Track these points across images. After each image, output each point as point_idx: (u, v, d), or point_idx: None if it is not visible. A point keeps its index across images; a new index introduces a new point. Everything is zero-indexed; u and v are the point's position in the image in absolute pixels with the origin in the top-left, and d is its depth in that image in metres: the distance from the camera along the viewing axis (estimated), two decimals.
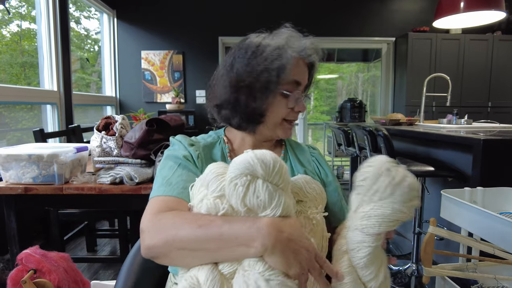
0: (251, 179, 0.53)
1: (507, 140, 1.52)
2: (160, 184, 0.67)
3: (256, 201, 0.53)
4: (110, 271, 2.12)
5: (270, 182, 0.54)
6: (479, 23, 2.82)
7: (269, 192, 0.53)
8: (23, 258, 0.90)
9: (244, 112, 0.73)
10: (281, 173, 0.55)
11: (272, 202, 0.53)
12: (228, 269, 0.54)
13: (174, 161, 0.72)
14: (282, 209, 0.53)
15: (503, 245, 0.98)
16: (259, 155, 0.54)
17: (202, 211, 0.57)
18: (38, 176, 1.29)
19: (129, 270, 0.68)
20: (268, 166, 0.53)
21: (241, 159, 0.54)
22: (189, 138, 0.80)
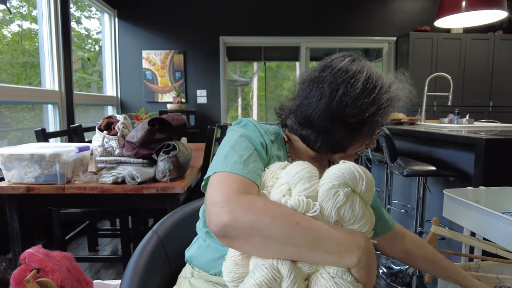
0: (351, 192, 0.55)
1: (509, 140, 1.52)
2: (236, 161, 0.62)
3: (350, 214, 0.54)
4: (112, 271, 2.13)
5: (364, 199, 0.57)
6: (480, 23, 2.82)
7: (363, 209, 0.55)
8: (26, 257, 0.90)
9: (331, 141, 0.70)
10: (373, 192, 0.58)
11: (363, 218, 0.55)
12: (307, 269, 0.54)
13: (251, 143, 0.68)
14: (369, 227, 0.56)
15: (505, 245, 0.98)
16: (363, 170, 0.56)
17: (286, 205, 0.55)
18: (40, 175, 1.29)
19: (134, 270, 0.68)
20: (368, 184, 0.56)
21: (346, 168, 0.56)
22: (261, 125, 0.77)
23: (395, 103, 0.69)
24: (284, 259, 0.53)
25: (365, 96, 0.65)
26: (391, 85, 0.69)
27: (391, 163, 1.94)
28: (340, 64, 0.69)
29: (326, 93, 0.67)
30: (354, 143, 0.72)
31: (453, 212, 1.19)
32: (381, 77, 0.69)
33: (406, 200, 2.60)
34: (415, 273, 1.98)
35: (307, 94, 0.70)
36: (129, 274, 0.67)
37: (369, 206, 0.59)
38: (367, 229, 0.56)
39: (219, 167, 0.62)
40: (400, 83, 0.72)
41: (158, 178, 1.34)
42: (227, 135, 0.73)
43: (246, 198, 0.54)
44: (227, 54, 4.35)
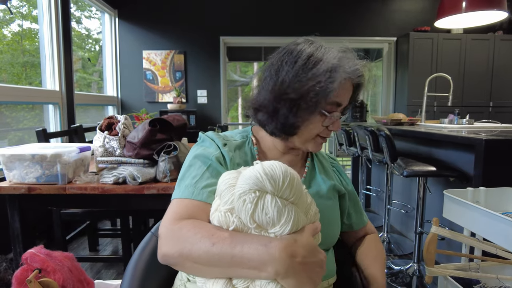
0: (259, 195, 0.52)
1: (509, 140, 1.52)
2: (187, 184, 0.66)
3: (265, 218, 0.52)
4: (112, 271, 2.13)
5: (280, 197, 0.53)
6: (480, 23, 2.82)
7: (278, 208, 0.52)
8: (28, 257, 0.90)
9: (280, 123, 0.71)
10: (292, 186, 0.53)
11: (281, 218, 0.52)
12: (241, 285, 0.54)
13: (203, 161, 0.69)
14: (291, 226, 0.52)
15: (505, 245, 0.99)
16: (268, 170, 0.53)
17: (214, 222, 0.57)
18: (42, 176, 1.29)
19: (134, 270, 0.68)
20: (277, 181, 0.52)
21: (249, 173, 0.53)
22: (222, 136, 0.78)
23: (337, 74, 0.66)
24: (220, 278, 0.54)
25: (304, 71, 0.67)
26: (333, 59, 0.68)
27: (391, 164, 1.94)
28: (289, 47, 0.72)
29: (272, 75, 0.70)
30: (302, 122, 0.70)
31: (453, 213, 1.19)
32: (326, 53, 0.69)
33: (406, 200, 2.60)
34: (415, 273, 1.98)
35: (261, 81, 0.74)
36: (129, 276, 0.67)
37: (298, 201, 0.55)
38: (289, 228, 0.52)
39: (175, 193, 0.67)
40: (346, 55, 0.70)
41: (159, 179, 1.34)
42: (189, 152, 0.76)
43: (176, 227, 0.58)
44: (228, 54, 4.35)
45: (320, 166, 0.84)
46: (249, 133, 0.82)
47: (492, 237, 1.03)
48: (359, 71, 0.70)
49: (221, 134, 0.79)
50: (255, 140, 0.80)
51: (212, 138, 0.76)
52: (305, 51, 0.69)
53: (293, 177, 0.54)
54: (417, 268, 2.00)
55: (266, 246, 0.50)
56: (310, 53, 0.69)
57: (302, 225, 0.54)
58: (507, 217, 0.95)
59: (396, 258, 2.28)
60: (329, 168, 0.86)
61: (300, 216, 0.54)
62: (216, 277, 0.55)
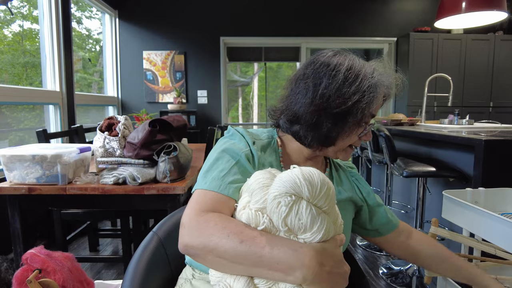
0: (295, 200, 0.52)
1: (508, 141, 1.52)
2: (214, 177, 0.65)
3: (297, 223, 0.52)
4: (113, 271, 2.13)
5: (315, 205, 0.53)
6: (480, 23, 2.82)
7: (312, 216, 0.51)
8: (28, 258, 0.90)
9: (321, 135, 0.71)
10: (327, 195, 0.53)
11: (313, 226, 0.52)
12: (264, 285, 0.54)
13: (233, 156, 0.69)
14: (322, 235, 0.52)
15: (504, 246, 0.99)
16: (307, 175, 0.52)
17: (242, 220, 0.57)
18: (42, 176, 1.30)
19: (135, 269, 0.69)
20: (314, 189, 0.52)
21: (287, 177, 0.53)
22: (251, 133, 0.77)
23: (379, 89, 0.69)
24: (241, 276, 0.54)
25: (347, 86, 0.67)
26: (374, 72, 0.70)
27: (391, 164, 1.94)
28: (322, 59, 0.71)
29: (310, 87, 0.69)
30: (343, 135, 0.71)
31: (452, 213, 1.20)
32: (363, 66, 0.70)
33: (406, 200, 2.61)
34: (415, 274, 1.99)
35: (294, 92, 0.73)
36: (130, 275, 0.67)
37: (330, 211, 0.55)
38: (320, 236, 0.52)
39: (199, 183, 0.66)
40: (384, 69, 0.72)
41: (159, 179, 1.35)
42: (215, 145, 0.75)
43: (202, 218, 0.57)
44: (228, 55, 4.36)
45: (337, 177, 0.84)
46: (274, 134, 0.82)
47: (491, 237, 1.03)
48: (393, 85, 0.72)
49: (250, 131, 0.79)
50: (280, 142, 0.80)
51: (243, 134, 0.75)
52: (343, 64, 0.69)
53: (329, 187, 0.54)
54: (416, 268, 2.00)
55: (296, 251, 0.50)
56: (348, 67, 0.69)
57: (332, 235, 0.54)
58: (506, 218, 0.96)
59: (396, 258, 2.28)
60: (345, 179, 0.85)
61: (331, 226, 0.54)
62: (238, 274, 0.55)
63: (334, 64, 0.69)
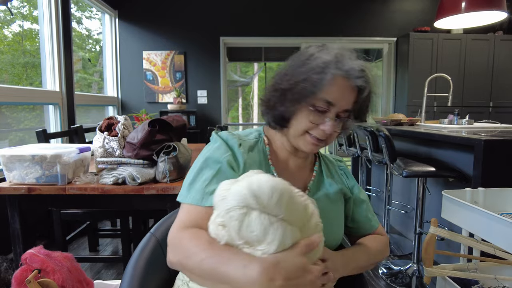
0: (246, 212, 0.51)
1: (508, 141, 1.52)
2: (197, 189, 0.67)
3: (251, 235, 0.51)
4: (112, 271, 2.13)
5: (269, 214, 0.51)
6: (480, 23, 2.82)
7: (264, 226, 0.50)
8: (28, 258, 0.90)
9: (273, 113, 0.75)
10: (281, 202, 0.51)
11: (267, 236, 0.50)
12: None
13: (213, 165, 0.70)
14: (278, 245, 0.50)
15: (503, 246, 0.99)
16: (255, 186, 0.51)
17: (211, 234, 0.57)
18: (42, 176, 1.30)
19: (134, 270, 0.69)
20: (263, 198, 0.50)
21: (236, 189, 0.52)
22: (237, 135, 0.77)
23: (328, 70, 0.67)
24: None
25: (300, 67, 0.70)
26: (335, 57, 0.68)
27: (390, 164, 1.94)
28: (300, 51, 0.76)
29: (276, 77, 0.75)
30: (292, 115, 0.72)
31: (452, 213, 1.20)
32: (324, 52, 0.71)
33: (406, 200, 2.61)
34: (414, 274, 1.99)
35: None
36: (128, 277, 0.68)
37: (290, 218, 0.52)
38: (275, 247, 0.50)
39: (184, 196, 0.68)
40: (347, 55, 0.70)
41: (158, 179, 1.35)
42: (201, 153, 0.77)
43: (179, 236, 0.61)
44: (228, 55, 4.36)
45: (327, 170, 0.85)
46: (261, 133, 0.82)
47: (490, 237, 1.03)
48: (355, 71, 0.68)
49: (236, 133, 0.79)
50: (266, 140, 0.80)
51: (226, 140, 0.75)
52: (310, 51, 0.72)
53: (283, 193, 0.51)
54: (416, 268, 2.00)
55: (245, 267, 0.50)
56: (312, 53, 0.72)
57: (293, 242, 0.52)
58: (505, 218, 0.96)
59: (395, 259, 2.29)
60: (335, 172, 0.86)
61: (290, 233, 0.51)
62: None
63: (305, 52, 0.73)
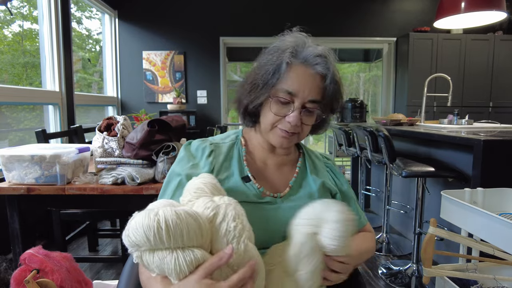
0: (140, 255, 0.52)
1: (507, 141, 1.52)
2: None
3: (156, 271, 0.52)
4: (112, 271, 2.13)
5: (158, 250, 0.51)
6: (480, 23, 2.82)
7: (156, 264, 0.51)
8: (26, 258, 0.91)
9: (242, 110, 0.76)
10: (163, 236, 0.50)
11: (164, 271, 0.51)
12: None
13: (175, 179, 0.71)
14: (176, 275, 0.51)
15: (502, 246, 0.99)
16: (131, 233, 0.51)
17: None
18: (41, 176, 1.30)
19: (131, 270, 0.69)
20: (142, 242, 0.50)
21: (123, 237, 0.53)
22: (211, 141, 0.77)
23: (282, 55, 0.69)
24: None
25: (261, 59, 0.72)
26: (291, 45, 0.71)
27: (390, 164, 1.94)
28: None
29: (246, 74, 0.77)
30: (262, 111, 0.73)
31: (451, 214, 1.20)
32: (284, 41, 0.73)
33: (405, 201, 2.61)
34: (414, 274, 1.99)
35: None
36: (126, 276, 0.68)
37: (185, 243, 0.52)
38: (175, 279, 0.52)
39: None
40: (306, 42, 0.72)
41: (157, 179, 1.35)
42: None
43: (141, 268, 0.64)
44: (227, 55, 4.36)
45: (311, 165, 0.83)
46: (239, 134, 0.82)
47: (489, 238, 1.03)
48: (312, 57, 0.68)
49: (209, 139, 0.79)
50: (243, 141, 0.80)
51: (193, 151, 0.76)
52: (274, 42, 0.74)
53: (159, 229, 0.50)
54: (416, 268, 2.00)
55: None
56: (274, 44, 0.74)
57: (197, 263, 0.52)
58: (503, 218, 0.96)
59: (395, 259, 2.29)
60: (321, 167, 0.85)
61: (185, 260, 0.51)
62: None
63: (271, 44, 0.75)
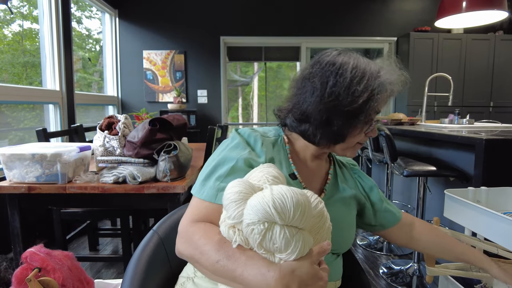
0: (268, 227, 0.52)
1: (509, 140, 1.52)
2: (211, 186, 0.67)
3: (272, 247, 0.53)
4: (112, 270, 2.13)
5: (290, 226, 0.53)
6: (481, 23, 2.82)
7: (286, 239, 0.52)
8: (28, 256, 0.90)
9: (330, 132, 0.72)
10: (303, 216, 0.53)
11: (288, 248, 0.52)
12: None
13: (229, 163, 0.70)
14: (297, 255, 0.53)
15: (506, 245, 0.99)
16: (278, 202, 0.51)
17: (222, 233, 0.58)
18: (42, 175, 1.29)
19: (135, 269, 0.68)
20: (287, 215, 0.52)
21: (258, 204, 0.53)
22: (259, 132, 0.78)
23: (388, 87, 0.70)
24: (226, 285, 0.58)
25: (355, 84, 0.68)
26: (380, 70, 0.71)
27: (391, 163, 1.94)
28: (327, 58, 0.72)
29: (317, 86, 0.70)
30: (352, 132, 0.72)
31: (454, 212, 1.19)
32: (368, 64, 0.71)
33: (406, 200, 2.60)
34: (415, 273, 1.98)
35: (301, 91, 0.73)
36: (130, 273, 0.67)
37: (309, 226, 0.55)
38: (294, 256, 0.52)
39: (197, 190, 0.70)
40: (389, 67, 0.73)
41: (159, 178, 1.34)
42: (217, 148, 0.77)
43: (191, 229, 0.63)
44: (228, 54, 4.36)
45: (341, 174, 0.86)
46: (281, 132, 0.82)
47: (493, 236, 1.03)
48: (401, 84, 0.73)
49: (258, 130, 0.79)
50: (287, 139, 0.81)
51: (247, 137, 0.76)
52: (348, 63, 0.70)
53: (304, 207, 0.53)
54: (417, 268, 1.99)
55: (264, 275, 0.52)
56: (354, 65, 0.70)
57: (309, 249, 0.54)
58: (508, 217, 0.95)
59: (396, 258, 2.28)
60: (349, 176, 0.87)
61: (307, 243, 0.54)
62: (224, 284, 0.58)
63: (340, 63, 0.70)
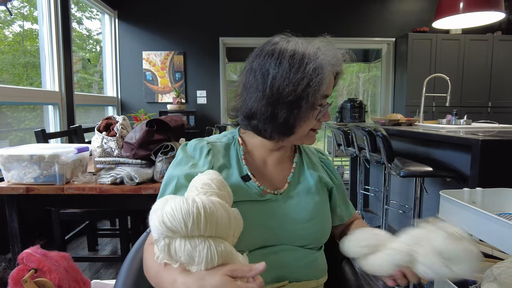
0: (169, 242, 0.52)
1: (506, 141, 1.52)
2: None
3: (180, 260, 0.52)
4: (111, 270, 2.14)
5: (191, 237, 0.52)
6: (479, 24, 2.83)
7: (188, 252, 0.51)
8: (24, 257, 0.91)
9: (278, 125, 0.71)
10: (198, 225, 0.51)
11: (194, 259, 0.51)
12: None
13: (172, 181, 0.71)
14: (205, 265, 0.51)
15: (501, 246, 0.99)
16: (167, 217, 0.51)
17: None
18: (40, 176, 1.30)
19: (129, 269, 0.69)
20: (178, 228, 0.51)
21: (153, 222, 0.52)
22: (206, 141, 0.78)
23: (325, 69, 0.68)
24: None
25: (294, 72, 0.67)
26: (317, 52, 0.70)
27: (388, 164, 1.95)
28: (266, 48, 0.72)
29: (259, 80, 0.70)
30: (300, 121, 0.71)
31: (449, 213, 1.20)
32: (306, 49, 0.70)
33: (403, 200, 2.61)
34: None
35: (246, 87, 0.73)
36: (124, 274, 0.68)
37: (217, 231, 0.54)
38: (203, 267, 0.51)
39: None
40: (326, 47, 0.72)
41: (156, 179, 1.35)
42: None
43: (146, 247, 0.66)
44: (227, 55, 4.36)
45: (308, 160, 0.85)
46: (235, 134, 0.83)
47: (488, 238, 1.03)
48: (340, 60, 0.72)
49: (205, 139, 0.79)
50: (241, 140, 0.81)
51: (192, 151, 0.77)
52: (286, 51, 0.70)
53: (199, 215, 0.51)
54: None
55: (172, 284, 0.53)
56: (291, 52, 0.69)
57: (223, 255, 0.53)
58: (502, 219, 0.96)
59: None
60: (317, 162, 0.86)
61: (217, 250, 0.52)
62: None
63: (278, 53, 0.69)
